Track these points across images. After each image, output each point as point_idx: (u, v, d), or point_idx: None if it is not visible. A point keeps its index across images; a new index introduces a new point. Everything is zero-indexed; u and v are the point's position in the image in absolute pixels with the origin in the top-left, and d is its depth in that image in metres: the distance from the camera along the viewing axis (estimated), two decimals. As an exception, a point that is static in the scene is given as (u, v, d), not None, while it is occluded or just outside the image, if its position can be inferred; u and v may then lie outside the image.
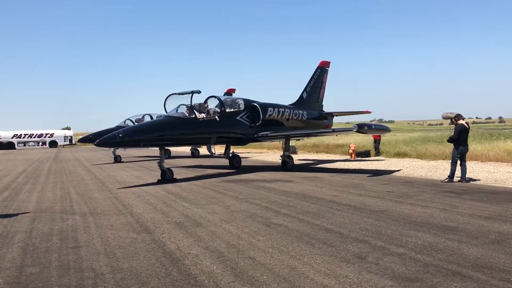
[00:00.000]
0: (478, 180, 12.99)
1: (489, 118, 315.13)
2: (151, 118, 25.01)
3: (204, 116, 16.12)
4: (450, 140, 12.99)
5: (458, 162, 12.72)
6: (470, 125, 13.45)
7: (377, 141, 24.70)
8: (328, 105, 24.78)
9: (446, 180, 12.65)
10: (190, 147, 30.05)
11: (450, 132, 13.30)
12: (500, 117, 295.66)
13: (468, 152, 13.34)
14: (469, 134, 13.29)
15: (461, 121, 12.83)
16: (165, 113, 16.31)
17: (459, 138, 12.60)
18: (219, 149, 21.66)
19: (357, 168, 18.30)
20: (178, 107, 16.02)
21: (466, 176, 12.73)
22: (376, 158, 23.28)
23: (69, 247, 6.38)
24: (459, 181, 12.56)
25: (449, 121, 13.38)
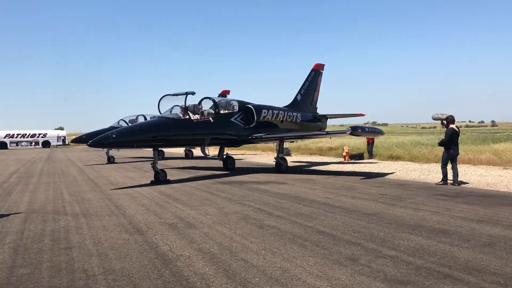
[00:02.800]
0: (468, 183, 13.07)
1: (482, 121, 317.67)
2: (145, 119, 24.95)
3: (198, 117, 16.11)
4: (441, 143, 13.13)
5: (449, 165, 12.85)
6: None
7: (370, 144, 24.82)
8: (322, 108, 24.89)
9: (441, 183, 12.74)
10: (184, 148, 30.00)
11: (441, 135, 13.43)
12: (493, 121, 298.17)
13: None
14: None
15: (452, 125, 12.96)
16: (159, 114, 16.28)
17: (450, 142, 12.75)
18: (213, 151, 21.66)
19: (350, 170, 18.36)
20: (172, 108, 16.01)
21: (458, 179, 12.83)
22: (370, 160, 23.38)
23: (61, 248, 6.35)
24: (451, 184, 12.65)
25: (439, 122, 13.51)
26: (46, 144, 66.38)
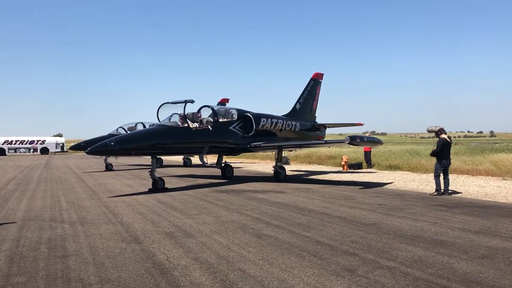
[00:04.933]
0: (461, 192, 13.06)
1: (481, 132, 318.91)
2: (144, 126, 24.98)
3: (197, 126, 16.11)
4: (433, 153, 13.22)
5: (442, 175, 12.93)
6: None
7: (367, 153, 24.84)
8: (321, 117, 24.93)
9: (435, 193, 12.77)
10: (182, 156, 29.97)
11: (435, 145, 13.55)
12: (491, 131, 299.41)
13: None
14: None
15: (443, 135, 13.06)
16: (158, 122, 16.28)
17: (442, 152, 12.81)
18: (211, 159, 21.63)
19: (349, 180, 18.34)
20: (171, 116, 16.02)
21: (449, 189, 13.04)
22: (368, 170, 23.37)
23: (57, 256, 6.31)
24: (442, 193, 12.71)
25: (433, 134, 13.70)
26: (45, 151, 66.32)
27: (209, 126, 16.49)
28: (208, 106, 17.29)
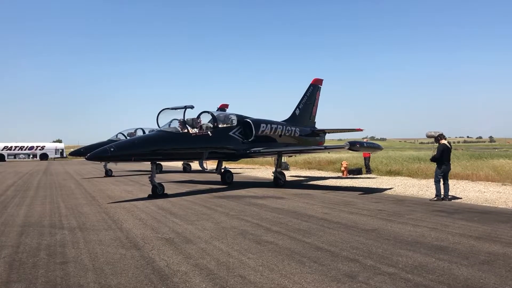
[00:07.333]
0: (461, 198, 13.05)
1: (480, 137, 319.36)
2: (144, 132, 24.97)
3: (197, 131, 16.12)
4: (433, 159, 13.23)
5: (441, 180, 12.95)
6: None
7: (367, 159, 24.85)
8: (320, 122, 24.93)
9: (435, 199, 12.77)
10: (182, 162, 29.94)
11: (434, 151, 13.57)
12: (491, 137, 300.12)
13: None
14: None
15: (443, 141, 13.08)
16: (157, 127, 16.28)
17: (442, 157, 12.82)
18: (211, 165, 21.61)
19: (348, 185, 18.32)
20: (171, 122, 16.02)
21: (449, 194, 13.06)
22: (368, 175, 23.36)
23: (56, 263, 6.28)
24: (442, 199, 12.71)
25: (433, 139, 13.74)
26: (44, 156, 66.21)
27: (209, 132, 16.50)
28: (208, 112, 17.30)
